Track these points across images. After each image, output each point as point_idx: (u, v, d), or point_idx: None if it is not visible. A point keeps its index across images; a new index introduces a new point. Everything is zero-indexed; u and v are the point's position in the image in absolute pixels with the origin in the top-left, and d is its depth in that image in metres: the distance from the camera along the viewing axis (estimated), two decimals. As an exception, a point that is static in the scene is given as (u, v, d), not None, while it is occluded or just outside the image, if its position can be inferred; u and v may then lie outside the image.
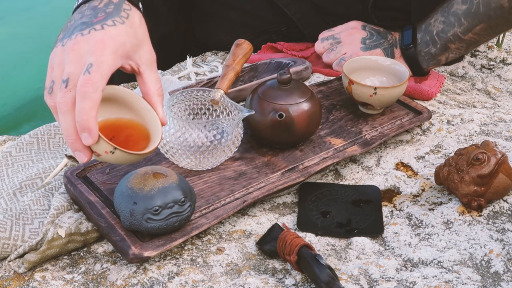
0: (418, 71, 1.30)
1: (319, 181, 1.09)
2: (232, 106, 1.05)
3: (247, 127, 1.11)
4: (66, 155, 1.08)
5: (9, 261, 0.94)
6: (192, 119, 1.08)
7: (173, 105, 1.04)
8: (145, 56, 0.90)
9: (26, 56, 2.41)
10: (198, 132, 1.00)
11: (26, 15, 2.69)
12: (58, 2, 2.77)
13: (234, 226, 1.01)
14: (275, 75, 1.26)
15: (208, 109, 1.08)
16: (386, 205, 1.04)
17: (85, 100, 0.82)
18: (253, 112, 1.03)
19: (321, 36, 1.37)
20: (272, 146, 1.10)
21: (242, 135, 1.05)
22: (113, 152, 0.85)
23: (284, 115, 1.05)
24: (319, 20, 1.44)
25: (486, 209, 1.01)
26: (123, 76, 1.58)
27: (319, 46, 1.37)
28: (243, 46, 1.15)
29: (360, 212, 1.02)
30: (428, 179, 1.08)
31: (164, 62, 1.55)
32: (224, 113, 1.07)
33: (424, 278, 0.90)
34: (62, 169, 1.09)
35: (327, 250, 0.96)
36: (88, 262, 0.95)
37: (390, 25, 1.35)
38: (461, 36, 1.23)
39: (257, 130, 1.08)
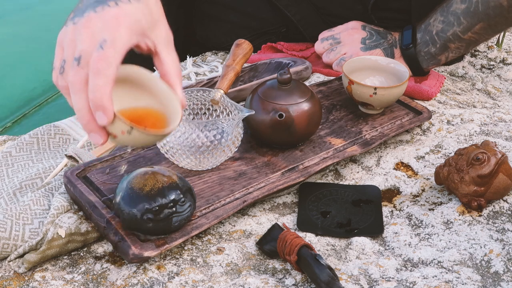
0: (418, 71, 1.30)
1: (319, 181, 1.09)
2: (232, 106, 1.05)
3: (247, 127, 1.11)
4: (66, 155, 1.08)
5: (9, 261, 0.94)
6: (192, 119, 1.08)
7: None
8: (161, 36, 0.87)
9: (23, 56, 2.41)
10: (198, 132, 1.00)
11: (23, 15, 2.69)
12: (56, 3, 2.76)
13: (234, 226, 1.01)
14: (275, 75, 1.26)
15: (208, 109, 1.08)
16: (386, 205, 1.04)
17: (99, 76, 0.79)
18: (253, 112, 1.03)
19: (321, 36, 1.37)
20: (272, 146, 1.10)
21: (242, 135, 1.05)
22: (129, 132, 0.80)
23: (284, 115, 1.05)
24: (319, 21, 1.44)
25: (486, 209, 1.01)
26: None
27: (319, 46, 1.37)
28: (243, 46, 1.15)
29: (360, 212, 1.02)
30: (428, 179, 1.08)
31: None
32: (224, 113, 1.07)
33: (424, 278, 0.90)
34: (62, 169, 1.09)
35: (327, 250, 0.96)
36: (88, 262, 0.95)
37: (390, 26, 1.35)
38: (461, 35, 1.23)
39: (257, 130, 1.08)
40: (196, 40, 1.60)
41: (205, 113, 1.08)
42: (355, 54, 1.31)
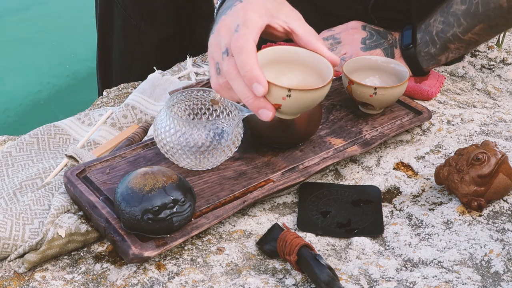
0: (418, 71, 1.30)
1: (319, 181, 1.09)
2: (232, 106, 1.05)
3: (247, 128, 1.10)
4: (66, 155, 1.08)
5: (9, 261, 0.94)
6: (192, 119, 1.08)
7: (173, 105, 1.04)
8: (290, 15, 0.95)
9: (24, 59, 2.41)
10: (198, 132, 1.00)
11: (23, 17, 2.69)
12: (55, 4, 2.76)
13: (234, 226, 1.01)
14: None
15: (208, 109, 1.08)
16: (386, 205, 1.04)
17: (241, 52, 0.86)
18: (253, 112, 1.03)
19: (321, 36, 1.37)
20: (272, 146, 1.10)
21: (242, 135, 1.05)
22: (289, 96, 0.87)
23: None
24: (319, 21, 1.44)
25: (486, 209, 1.01)
26: (123, 76, 1.59)
27: None
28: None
29: (360, 212, 1.02)
30: (428, 179, 1.08)
31: (163, 65, 1.55)
32: (224, 113, 1.07)
33: (424, 278, 0.90)
34: (62, 169, 1.09)
35: (327, 250, 0.96)
36: (88, 262, 0.95)
37: (390, 26, 1.35)
38: (461, 36, 1.23)
39: (257, 130, 1.08)
40: (195, 41, 1.60)
41: (205, 113, 1.08)
42: (355, 54, 1.31)
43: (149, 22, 1.51)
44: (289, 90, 0.87)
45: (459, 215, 1.00)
